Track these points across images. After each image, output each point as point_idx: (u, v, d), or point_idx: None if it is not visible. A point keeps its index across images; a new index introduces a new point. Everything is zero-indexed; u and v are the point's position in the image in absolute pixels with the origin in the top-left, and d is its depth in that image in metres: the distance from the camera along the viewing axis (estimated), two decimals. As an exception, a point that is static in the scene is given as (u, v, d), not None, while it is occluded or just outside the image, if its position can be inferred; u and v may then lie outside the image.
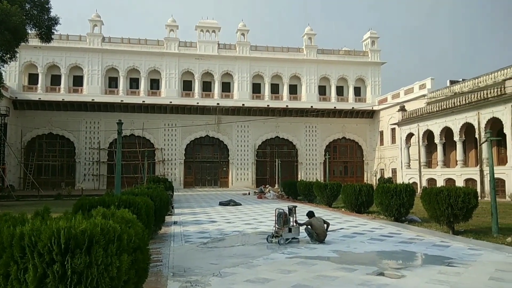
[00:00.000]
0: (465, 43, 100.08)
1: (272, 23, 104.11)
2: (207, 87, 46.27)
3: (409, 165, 36.53)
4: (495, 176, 25.89)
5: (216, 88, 45.55)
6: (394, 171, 42.10)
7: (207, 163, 45.70)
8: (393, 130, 42.38)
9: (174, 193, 28.89)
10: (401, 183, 16.46)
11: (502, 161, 27.50)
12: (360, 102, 48.27)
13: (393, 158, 42.18)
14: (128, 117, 40.97)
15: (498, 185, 26.06)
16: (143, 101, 43.00)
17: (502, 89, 25.84)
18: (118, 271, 3.24)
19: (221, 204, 22.08)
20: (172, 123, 43.69)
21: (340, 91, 49.27)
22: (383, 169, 45.17)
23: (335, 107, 46.63)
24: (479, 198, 24.84)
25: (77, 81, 43.62)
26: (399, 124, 37.87)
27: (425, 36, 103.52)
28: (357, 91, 49.48)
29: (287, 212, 10.18)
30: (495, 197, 11.54)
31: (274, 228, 10.27)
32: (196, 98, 44.62)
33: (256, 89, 47.29)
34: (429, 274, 6.82)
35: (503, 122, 25.95)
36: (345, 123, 47.52)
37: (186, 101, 44.14)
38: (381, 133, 46.06)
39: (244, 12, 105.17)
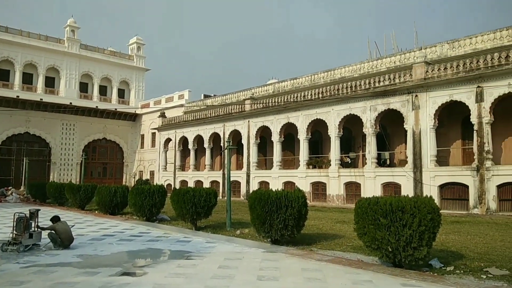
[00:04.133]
0: (221, 63, 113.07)
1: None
2: None
3: (165, 168, 38.56)
4: (234, 179, 30.45)
5: None
6: (152, 173, 43.55)
7: None
8: (153, 134, 43.84)
9: None
10: (156, 184, 17.34)
11: (240, 166, 32.53)
12: (124, 104, 47.91)
13: (152, 161, 43.59)
14: None
15: (235, 186, 30.62)
16: None
17: (243, 107, 30.72)
18: None
19: None
20: None
21: (103, 91, 47.64)
22: (142, 171, 46.04)
23: (97, 107, 44.68)
24: (221, 197, 28.57)
25: None
26: (159, 129, 39.58)
27: (188, 52, 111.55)
28: (121, 93, 48.95)
29: (29, 217, 9.27)
30: (230, 197, 13.63)
31: (11, 235, 9.15)
32: None
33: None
34: (169, 269, 7.33)
35: (242, 134, 30.86)
36: (107, 124, 46.01)
37: None
38: (143, 136, 46.88)
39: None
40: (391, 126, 24.14)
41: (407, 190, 20.43)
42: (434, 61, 21.85)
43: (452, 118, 21.50)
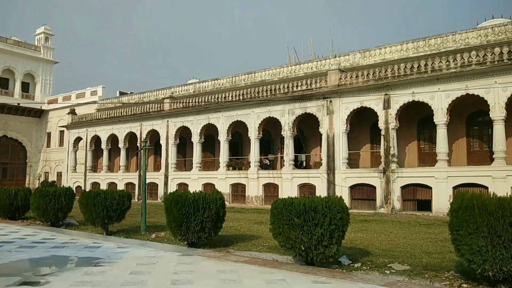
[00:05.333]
0: (140, 60, 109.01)
1: None
2: None
3: (75, 169, 36.10)
4: (151, 180, 29.52)
5: None
6: (59, 174, 40.46)
7: None
8: (61, 132, 40.79)
9: None
10: (62, 186, 16.04)
11: (158, 168, 31.58)
12: (28, 99, 43.82)
13: (60, 161, 40.47)
14: None
15: (153, 188, 29.66)
16: None
17: (162, 106, 29.86)
18: None
19: None
20: None
21: (4, 83, 43.15)
22: (48, 172, 42.53)
23: (-4, 100, 40.36)
24: (136, 200, 27.48)
25: None
26: (68, 127, 36.90)
27: (104, 48, 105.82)
28: (26, 87, 44.73)
29: None
30: (145, 199, 13.08)
31: None
32: None
33: None
34: (75, 277, 6.81)
35: (160, 134, 29.97)
36: (8, 120, 41.78)
37: None
38: (49, 134, 43.35)
39: None
40: (307, 130, 25.13)
41: (321, 190, 21.40)
42: (347, 69, 23.21)
43: (363, 123, 23.00)
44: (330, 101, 22.22)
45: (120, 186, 30.85)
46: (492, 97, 17.62)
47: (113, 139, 33.43)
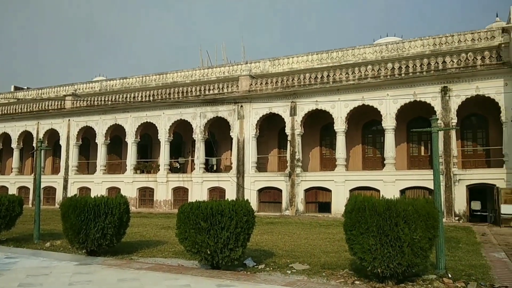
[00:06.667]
0: (38, 53, 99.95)
1: None
2: None
3: (-44, 172, 31.74)
4: (48, 184, 27.25)
5: None
6: None
7: None
8: None
9: None
10: None
11: (56, 170, 29.20)
12: None
13: None
14: None
15: (50, 193, 27.38)
16: None
17: (63, 103, 27.73)
18: None
19: None
20: None
21: None
22: None
23: None
24: (30, 205, 25.14)
25: None
26: None
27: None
28: None
29: None
30: (39, 204, 12.00)
31: None
32: None
33: None
34: None
35: (60, 134, 27.80)
36: None
37: None
38: None
39: None
40: (219, 133, 25.27)
41: (231, 194, 21.67)
42: (258, 76, 23.88)
43: (271, 129, 23.81)
44: (241, 106, 22.63)
45: (12, 191, 27.83)
46: (384, 108, 19.47)
47: (5, 138, 30.15)
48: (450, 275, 6.76)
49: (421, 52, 20.89)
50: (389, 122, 19.41)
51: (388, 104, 19.40)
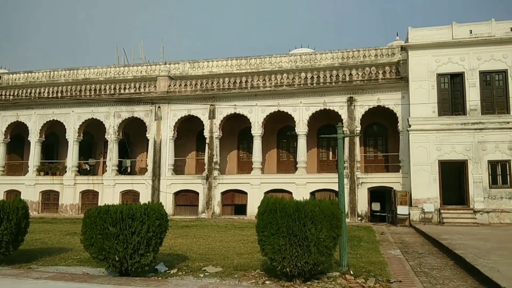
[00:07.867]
0: None
1: None
2: None
3: None
4: None
5: None
6: None
7: None
8: None
9: None
10: None
11: None
12: None
13: None
14: None
15: None
16: None
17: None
18: None
19: None
20: None
21: None
22: None
23: None
24: None
25: None
26: None
27: None
28: None
29: None
30: None
31: None
32: None
33: None
34: None
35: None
36: None
37: None
38: None
39: None
40: (134, 134, 24.36)
41: (145, 197, 21.00)
42: (177, 77, 23.50)
43: (190, 131, 23.56)
44: (159, 107, 22.08)
45: None
46: (297, 114, 20.39)
47: None
48: (352, 272, 7.26)
49: (331, 64, 22.24)
50: (301, 128, 20.35)
51: (301, 111, 20.34)
